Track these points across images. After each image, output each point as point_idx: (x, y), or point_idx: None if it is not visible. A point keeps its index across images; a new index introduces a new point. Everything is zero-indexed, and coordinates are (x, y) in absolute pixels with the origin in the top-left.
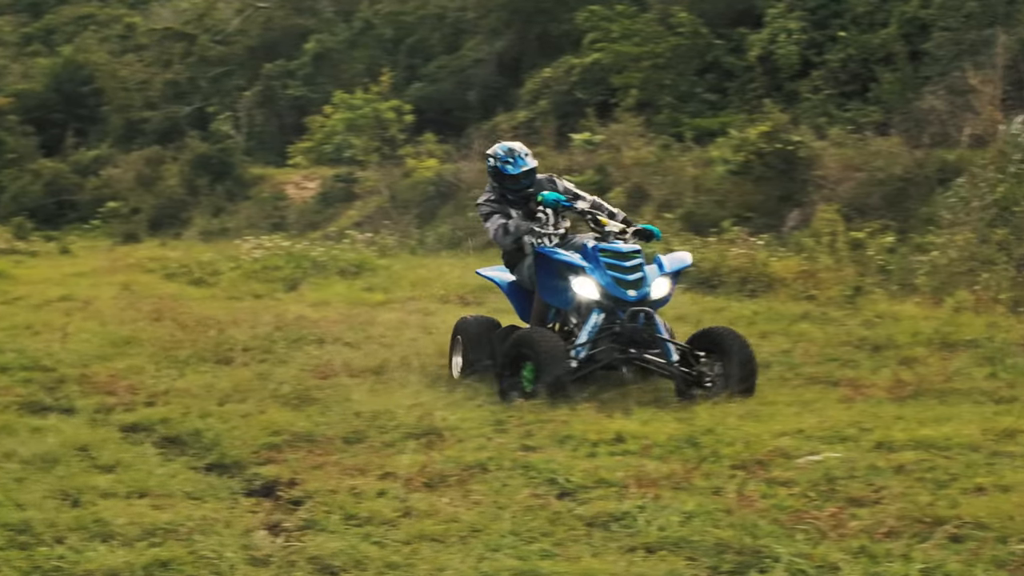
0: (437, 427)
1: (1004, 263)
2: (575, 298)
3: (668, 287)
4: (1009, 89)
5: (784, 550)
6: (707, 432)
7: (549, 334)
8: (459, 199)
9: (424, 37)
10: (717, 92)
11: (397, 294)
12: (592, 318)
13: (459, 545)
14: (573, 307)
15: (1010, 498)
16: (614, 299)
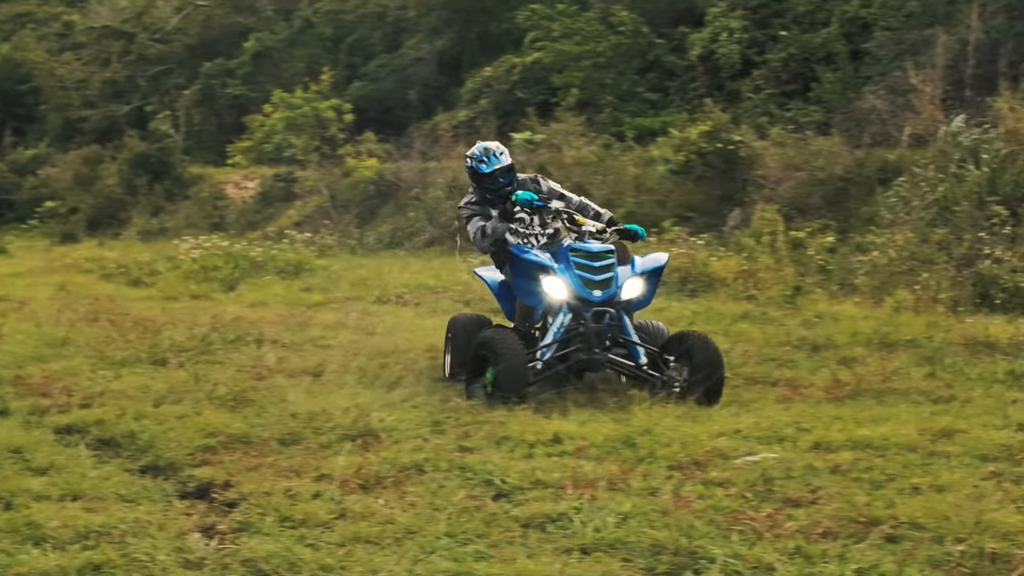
0: (374, 428)
1: (944, 263)
2: (545, 298)
3: (641, 287)
4: (949, 89)
5: (719, 551)
6: (644, 433)
7: (510, 337)
8: (399, 199)
9: (364, 36)
10: (658, 91)
11: (336, 294)
12: (559, 318)
13: (394, 547)
14: (546, 307)
15: (946, 498)
16: (580, 299)
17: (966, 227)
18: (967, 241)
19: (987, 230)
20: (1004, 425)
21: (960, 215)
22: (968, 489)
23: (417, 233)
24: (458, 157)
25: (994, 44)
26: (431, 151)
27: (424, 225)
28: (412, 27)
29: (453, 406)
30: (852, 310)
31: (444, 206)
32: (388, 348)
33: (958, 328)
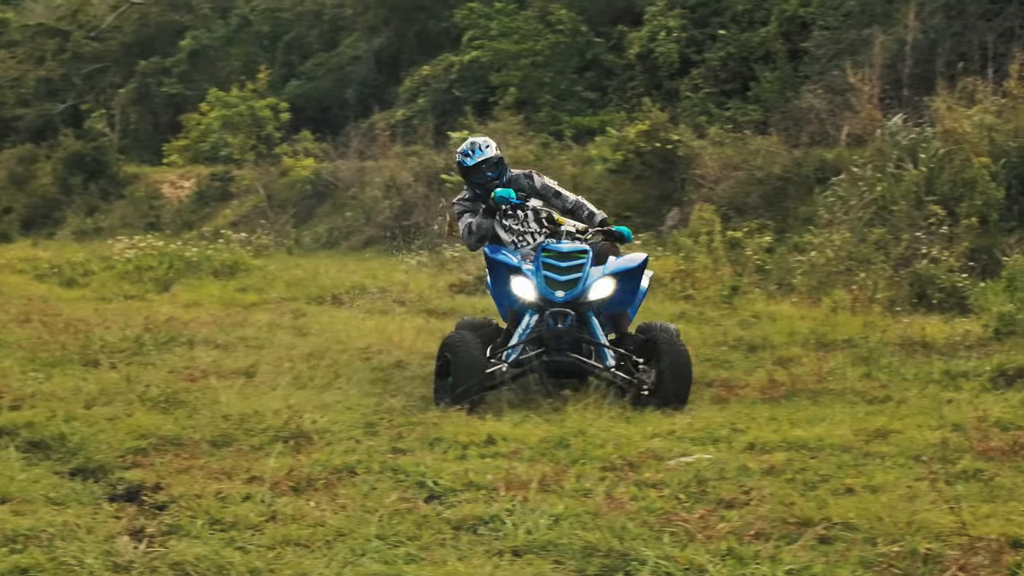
0: (306, 430)
1: (881, 262)
2: (516, 299)
3: (610, 288)
4: (887, 88)
5: (651, 552)
6: (578, 434)
7: (470, 341)
8: (337, 198)
9: (302, 34)
10: (597, 90)
11: (271, 295)
12: (525, 319)
13: (324, 550)
14: (519, 308)
15: (879, 499)
16: (544, 300)
17: (904, 227)
18: (905, 241)
19: (924, 230)
20: (939, 425)
21: (898, 215)
22: (902, 490)
23: (354, 233)
24: (395, 156)
25: (932, 44)
26: (368, 150)
27: (362, 225)
28: (350, 25)
29: (387, 408)
30: (789, 310)
31: (382, 205)
32: (322, 349)
33: (895, 328)
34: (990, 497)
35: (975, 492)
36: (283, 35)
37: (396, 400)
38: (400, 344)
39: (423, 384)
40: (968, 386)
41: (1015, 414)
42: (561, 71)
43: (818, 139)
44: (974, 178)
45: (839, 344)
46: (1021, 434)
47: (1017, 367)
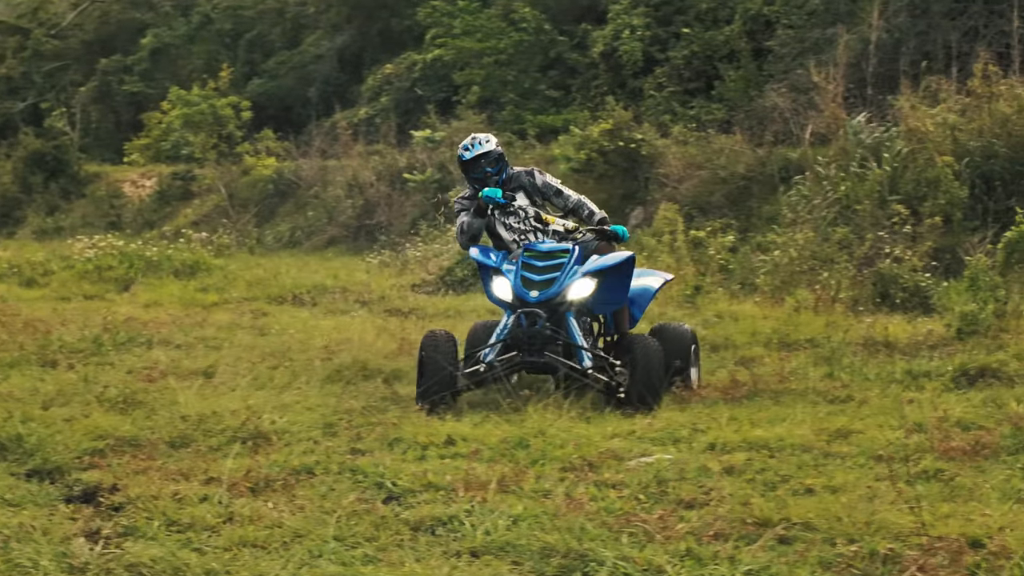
0: (264, 431)
1: (845, 262)
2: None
3: (589, 288)
4: (851, 87)
5: (610, 553)
6: (538, 434)
7: (441, 341)
8: (299, 197)
9: (264, 32)
10: (560, 89)
11: (232, 295)
12: (503, 320)
13: (281, 551)
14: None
15: (839, 499)
16: (518, 299)
17: (867, 226)
18: (868, 240)
19: (888, 229)
20: (900, 425)
21: (861, 214)
22: (861, 490)
23: (317, 232)
24: (358, 155)
25: (896, 43)
26: (331, 149)
27: (324, 224)
28: (312, 23)
29: (346, 408)
30: (752, 310)
31: (344, 205)
32: (282, 349)
33: (857, 328)
34: (950, 497)
35: (935, 492)
36: (245, 33)
37: (356, 401)
38: (361, 344)
39: (383, 385)
40: (930, 386)
41: (976, 414)
42: (524, 69)
43: (782, 138)
44: (938, 177)
45: (801, 344)
46: (982, 434)
47: (979, 367)
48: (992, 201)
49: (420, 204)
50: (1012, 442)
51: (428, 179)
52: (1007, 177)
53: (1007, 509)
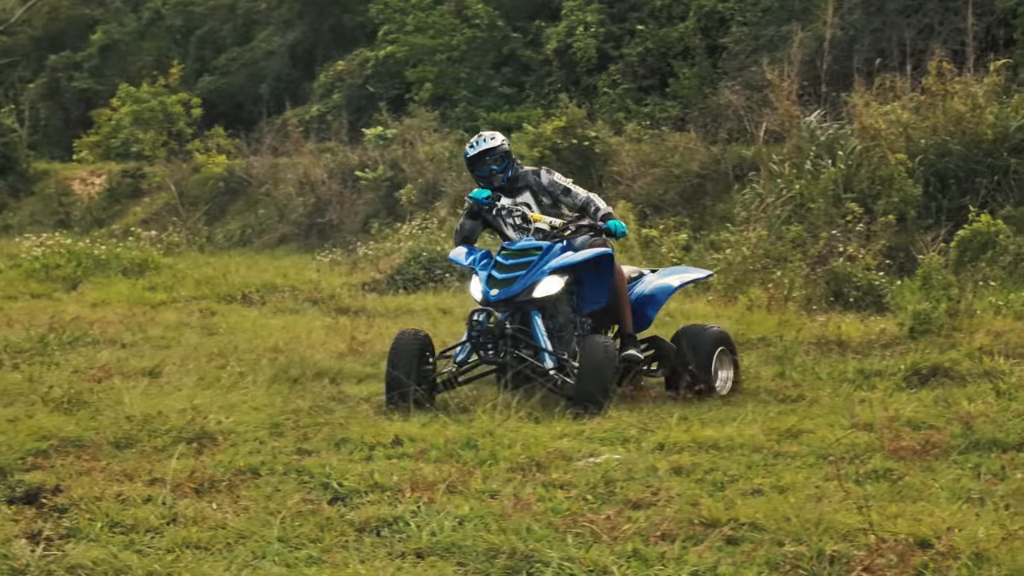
0: (210, 431)
1: (798, 261)
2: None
3: (556, 286)
4: (806, 84)
5: (555, 554)
6: (486, 435)
7: (408, 341)
8: (250, 195)
9: (215, 28)
10: (514, 86)
11: (180, 293)
12: (473, 318)
13: (224, 552)
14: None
15: (787, 499)
16: (484, 298)
17: (821, 225)
18: (822, 239)
19: (841, 228)
20: (851, 425)
21: (815, 212)
22: (810, 490)
23: (268, 231)
24: (309, 153)
25: (851, 40)
26: (282, 147)
27: (275, 223)
28: (264, 19)
29: (293, 408)
30: (704, 309)
31: (295, 203)
32: (230, 348)
33: (810, 327)
34: (899, 497)
35: (884, 492)
36: (196, 29)
37: (303, 401)
38: (309, 343)
39: (331, 384)
40: (882, 385)
41: (927, 413)
42: (478, 66)
43: (736, 136)
44: (891, 175)
45: (753, 343)
46: (932, 433)
47: (931, 366)
48: (946, 199)
49: (372, 202)
50: (962, 441)
51: (380, 177)
52: (961, 175)
53: (956, 509)
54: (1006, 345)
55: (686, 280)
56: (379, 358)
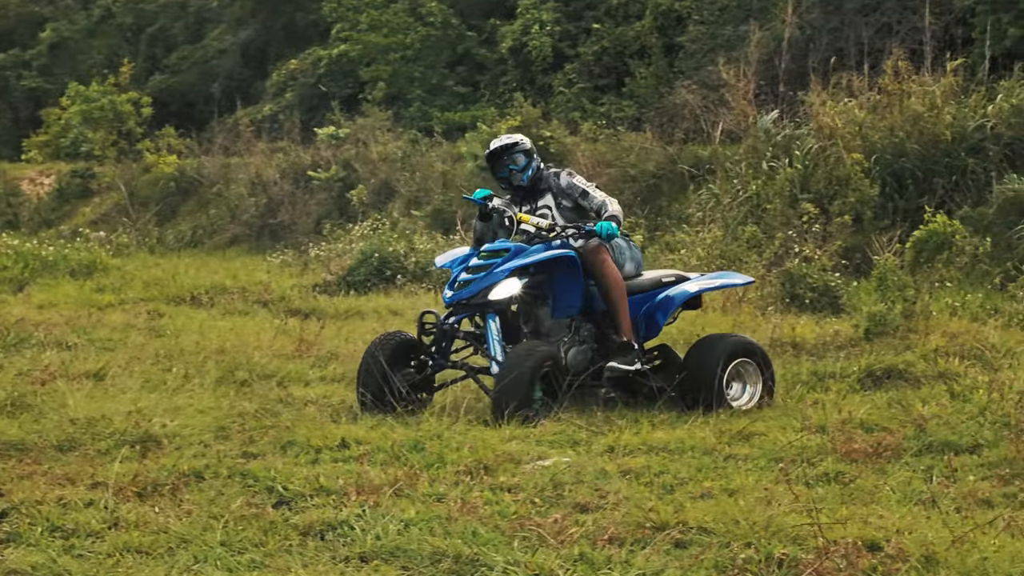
0: (155, 434)
1: (754, 261)
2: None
3: (515, 288)
4: (763, 84)
5: (500, 558)
6: (434, 437)
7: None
8: (201, 196)
9: (166, 26)
10: (469, 85)
11: (128, 295)
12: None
13: (166, 557)
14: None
15: (737, 502)
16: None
17: (778, 225)
18: (778, 239)
19: (797, 228)
20: (802, 427)
21: (772, 213)
22: (760, 493)
23: (219, 231)
24: (261, 153)
25: (808, 39)
26: (234, 147)
27: (226, 223)
28: (215, 17)
29: (239, 411)
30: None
31: (247, 203)
32: (176, 351)
33: (764, 328)
34: (850, 500)
35: (835, 495)
36: (147, 27)
37: (249, 403)
38: (257, 345)
39: (278, 387)
40: (836, 387)
41: (881, 415)
42: (432, 65)
43: (693, 136)
44: (849, 176)
45: None
46: (885, 435)
47: (885, 368)
48: (903, 200)
49: (325, 203)
50: (915, 443)
51: (333, 177)
52: (919, 175)
53: (906, 512)
54: (961, 347)
55: (709, 286)
56: (327, 360)
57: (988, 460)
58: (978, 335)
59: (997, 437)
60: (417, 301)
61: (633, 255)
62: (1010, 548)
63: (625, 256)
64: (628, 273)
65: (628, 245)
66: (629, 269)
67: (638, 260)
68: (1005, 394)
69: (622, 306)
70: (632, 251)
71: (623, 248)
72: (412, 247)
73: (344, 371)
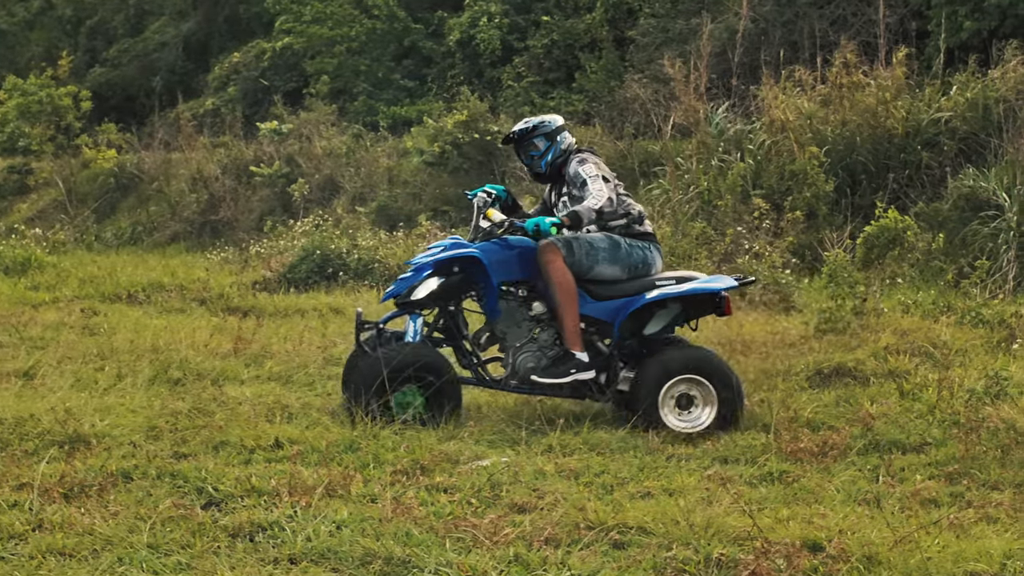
0: (84, 434)
1: (705, 259)
2: None
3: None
4: (714, 78)
5: (432, 559)
6: (370, 437)
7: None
8: (141, 192)
9: (106, 18)
10: (415, 79)
11: (64, 293)
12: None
13: (90, 559)
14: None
15: (677, 502)
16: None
17: (729, 221)
18: (729, 236)
19: (748, 225)
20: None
21: (723, 209)
22: (701, 493)
23: (159, 228)
24: (202, 148)
25: (762, 32)
26: (175, 142)
27: (167, 220)
28: (157, 9)
29: (172, 410)
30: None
31: (188, 200)
32: (109, 349)
33: (712, 326)
34: (792, 500)
35: (778, 495)
36: (87, 19)
37: (182, 402)
38: (193, 344)
39: (212, 385)
40: (783, 386)
41: (828, 414)
42: (378, 58)
43: (644, 131)
44: (804, 170)
45: None
46: (831, 435)
47: (835, 366)
48: (857, 196)
49: (268, 199)
50: (862, 442)
51: (276, 173)
52: (872, 170)
53: (849, 511)
54: (912, 344)
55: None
56: (263, 359)
57: (936, 459)
58: (929, 333)
59: (945, 436)
60: (359, 299)
61: (622, 256)
62: (954, 548)
63: (599, 257)
64: (607, 275)
65: (616, 245)
66: (609, 272)
67: (631, 263)
68: (955, 392)
69: (566, 311)
70: (623, 252)
71: (601, 248)
72: (355, 244)
73: (280, 370)
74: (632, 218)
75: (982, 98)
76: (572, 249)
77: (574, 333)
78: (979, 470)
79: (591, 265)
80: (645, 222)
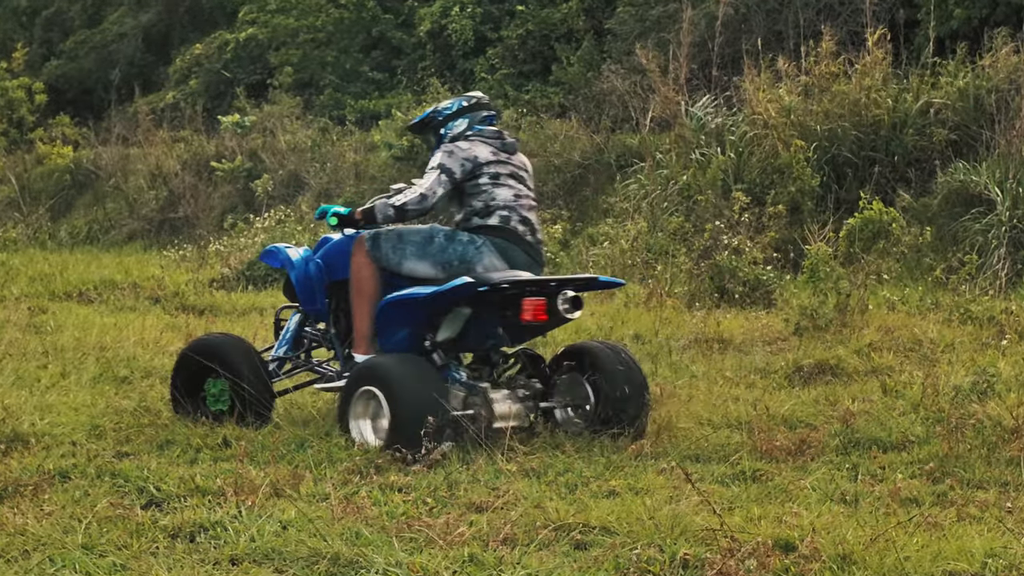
0: (22, 432)
1: (683, 255)
2: None
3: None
4: (694, 68)
5: (381, 559)
6: (322, 436)
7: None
8: (98, 189)
9: (63, 9)
10: (385, 71)
11: (11, 291)
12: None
13: (20, 561)
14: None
15: (644, 501)
16: None
17: (709, 216)
18: (708, 231)
19: (728, 219)
20: (722, 424)
21: (703, 203)
22: (668, 491)
23: (116, 226)
24: (161, 143)
25: (743, 20)
26: (133, 137)
27: (125, 217)
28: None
29: (117, 409)
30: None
31: (146, 196)
32: (55, 347)
33: (691, 323)
34: (766, 498)
35: (751, 493)
36: (42, 10)
37: (128, 401)
38: (141, 342)
39: (160, 383)
40: (761, 383)
41: (806, 411)
42: (345, 50)
43: (622, 124)
44: (789, 163)
45: (626, 340)
46: (808, 432)
47: (815, 363)
48: (843, 190)
49: (229, 195)
50: (840, 441)
51: (238, 168)
52: (857, 163)
53: (824, 510)
54: (896, 341)
55: (414, 293)
56: None
57: (918, 457)
58: (916, 330)
59: (929, 433)
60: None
61: (433, 252)
62: (933, 547)
63: (407, 251)
64: (419, 273)
65: (428, 239)
66: (421, 268)
67: (444, 259)
68: (941, 389)
69: (355, 311)
70: (435, 247)
71: (411, 241)
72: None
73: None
74: (472, 210)
75: (973, 88)
76: (378, 242)
77: (361, 336)
78: (963, 468)
79: (399, 260)
80: (493, 215)
